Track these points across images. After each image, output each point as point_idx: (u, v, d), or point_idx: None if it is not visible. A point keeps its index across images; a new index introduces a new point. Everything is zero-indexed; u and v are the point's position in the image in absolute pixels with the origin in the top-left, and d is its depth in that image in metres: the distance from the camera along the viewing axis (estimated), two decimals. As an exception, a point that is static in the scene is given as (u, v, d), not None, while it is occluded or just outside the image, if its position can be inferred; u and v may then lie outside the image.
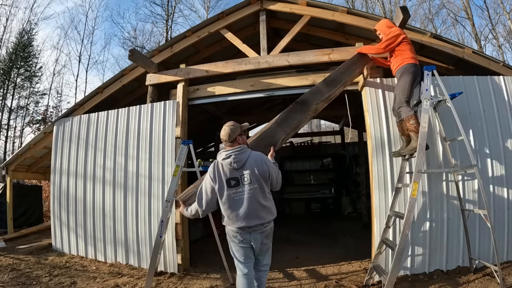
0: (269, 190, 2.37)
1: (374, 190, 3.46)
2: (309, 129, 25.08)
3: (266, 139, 3.08)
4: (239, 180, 2.27)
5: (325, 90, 3.39)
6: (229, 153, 2.30)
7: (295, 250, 4.71)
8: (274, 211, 2.39)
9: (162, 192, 4.01)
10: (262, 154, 2.43)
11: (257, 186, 2.27)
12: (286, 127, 3.16)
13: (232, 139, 2.35)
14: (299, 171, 9.21)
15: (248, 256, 2.36)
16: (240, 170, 2.28)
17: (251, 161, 2.30)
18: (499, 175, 3.34)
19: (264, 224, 2.30)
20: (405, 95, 3.11)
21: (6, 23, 18.24)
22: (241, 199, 2.26)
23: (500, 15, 16.85)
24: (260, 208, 2.28)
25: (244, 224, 2.25)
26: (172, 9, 19.35)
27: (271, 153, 2.73)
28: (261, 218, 2.28)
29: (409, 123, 3.04)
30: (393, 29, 3.31)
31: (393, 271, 2.59)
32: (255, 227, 2.27)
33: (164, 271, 3.88)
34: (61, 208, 4.82)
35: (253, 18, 4.66)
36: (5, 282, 3.57)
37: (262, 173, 2.29)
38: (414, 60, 3.19)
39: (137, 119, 4.39)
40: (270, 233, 2.39)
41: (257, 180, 2.27)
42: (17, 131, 18.32)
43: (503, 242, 3.27)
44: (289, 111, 3.28)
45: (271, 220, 2.36)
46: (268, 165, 2.35)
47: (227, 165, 2.30)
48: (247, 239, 2.30)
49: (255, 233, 2.28)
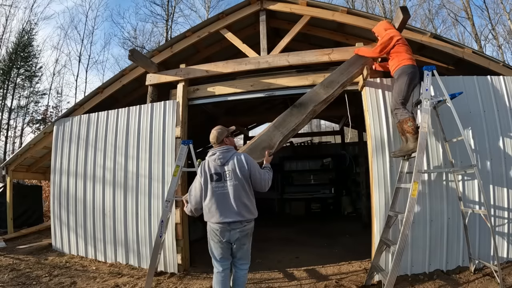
0: (251, 190, 2.50)
1: (374, 190, 3.46)
2: (309, 129, 25.07)
3: (264, 142, 3.19)
4: (221, 175, 2.45)
5: (322, 92, 3.45)
6: (215, 150, 2.54)
7: (295, 250, 4.71)
8: (254, 211, 2.50)
9: (162, 192, 4.01)
10: (247, 155, 2.59)
11: (237, 183, 2.42)
12: (284, 130, 3.25)
13: (220, 141, 2.58)
14: (299, 171, 9.22)
15: (224, 256, 2.48)
16: (223, 167, 2.47)
17: (234, 159, 2.48)
18: (499, 175, 3.35)
19: (243, 222, 2.41)
20: (401, 96, 3.12)
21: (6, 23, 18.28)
22: (222, 194, 2.42)
23: (500, 15, 16.87)
24: (240, 204, 2.40)
25: (222, 219, 2.37)
26: (172, 9, 19.36)
27: (266, 157, 2.90)
28: (240, 215, 2.39)
29: (407, 125, 3.05)
30: (387, 32, 3.33)
31: (393, 271, 2.58)
32: (233, 224, 2.38)
33: (164, 271, 3.88)
34: (61, 208, 4.82)
35: (253, 18, 4.66)
36: (5, 282, 3.57)
37: (242, 171, 2.44)
38: (412, 61, 3.20)
39: (137, 119, 4.40)
40: (249, 233, 2.50)
41: (237, 177, 2.42)
42: (17, 131, 18.34)
43: (503, 242, 3.27)
44: (287, 114, 3.36)
45: (251, 220, 2.48)
46: (249, 164, 2.49)
47: (212, 161, 2.51)
48: (226, 237, 2.40)
49: (234, 231, 2.39)
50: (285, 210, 8.93)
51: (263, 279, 3.58)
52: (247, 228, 2.44)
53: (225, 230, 2.39)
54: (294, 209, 8.70)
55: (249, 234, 2.49)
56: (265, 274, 3.73)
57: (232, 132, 2.73)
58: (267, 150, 3.02)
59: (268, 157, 2.88)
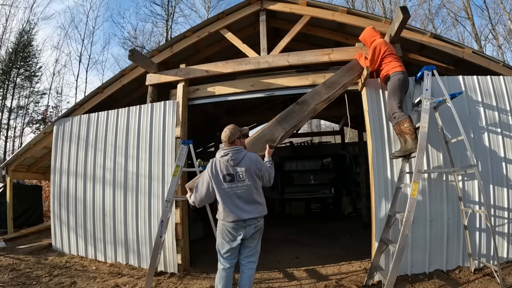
0: (261, 188, 2.57)
1: (374, 190, 3.46)
2: (309, 129, 25.07)
3: (267, 136, 3.38)
4: (234, 176, 2.46)
5: (324, 92, 3.57)
6: (227, 151, 2.51)
7: (295, 250, 4.71)
8: (265, 208, 2.57)
9: (162, 192, 4.01)
10: (257, 156, 2.64)
11: (251, 183, 2.46)
12: (286, 125, 3.40)
13: (231, 141, 2.56)
14: (299, 171, 9.22)
15: (232, 253, 2.51)
16: (236, 168, 2.47)
17: (246, 160, 2.50)
18: (499, 175, 3.35)
19: (258, 218, 2.48)
20: (397, 100, 3.22)
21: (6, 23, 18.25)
22: (235, 194, 2.45)
23: (500, 15, 16.86)
24: (254, 203, 2.48)
25: (238, 217, 2.41)
26: (172, 9, 19.34)
27: (268, 150, 2.92)
28: (255, 212, 2.46)
29: (404, 126, 3.08)
30: (373, 45, 3.44)
31: (393, 271, 2.58)
32: (249, 221, 2.44)
33: (164, 271, 3.88)
34: (61, 208, 4.82)
35: (253, 18, 4.66)
36: (5, 282, 3.57)
37: (256, 172, 2.50)
38: (401, 68, 3.31)
39: (137, 119, 4.39)
40: (261, 228, 2.55)
41: (251, 177, 2.46)
42: (17, 131, 18.32)
43: (503, 242, 3.27)
44: (289, 110, 3.49)
45: (262, 216, 2.55)
46: (261, 165, 2.57)
47: (224, 162, 2.50)
48: (242, 234, 2.44)
49: (249, 227, 2.45)
50: (285, 210, 8.92)
51: (263, 279, 3.58)
52: (260, 223, 2.52)
53: (240, 227, 2.43)
54: (294, 209, 8.69)
55: (261, 229, 2.55)
56: (265, 274, 3.73)
57: (245, 134, 2.77)
58: (269, 143, 3.06)
59: (270, 150, 2.92)
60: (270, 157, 2.84)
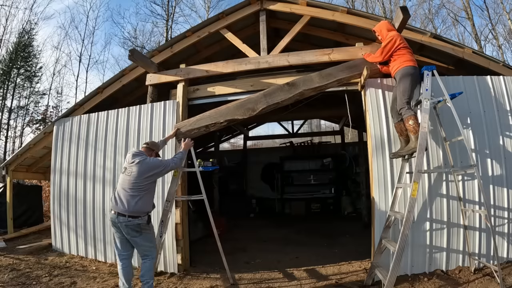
0: (147, 189, 2.88)
1: (374, 190, 3.46)
2: (309, 129, 24.96)
3: (249, 105, 3.70)
4: (127, 170, 2.87)
5: (317, 80, 3.65)
6: (136, 152, 3.02)
7: (295, 250, 4.71)
8: (143, 209, 2.80)
9: (162, 192, 4.01)
10: (154, 159, 3.07)
11: (137, 181, 2.80)
12: (270, 100, 3.66)
13: (149, 149, 3.13)
14: (299, 171, 9.20)
15: (121, 247, 2.85)
16: (132, 164, 2.87)
17: (142, 162, 2.88)
18: (499, 175, 3.34)
19: (127, 217, 2.70)
20: (406, 96, 3.13)
21: (6, 24, 18.23)
22: (122, 183, 2.84)
23: (500, 15, 16.82)
24: (131, 200, 2.74)
25: (112, 207, 2.76)
26: (172, 9, 19.31)
27: (187, 142, 3.51)
28: (126, 210, 2.71)
29: (408, 123, 3.05)
30: (390, 35, 3.34)
31: (393, 271, 2.58)
32: (121, 217, 2.70)
33: (164, 271, 3.88)
34: (61, 208, 4.82)
35: (253, 18, 4.66)
36: (5, 282, 3.57)
37: (145, 171, 2.85)
38: (413, 63, 3.22)
39: (137, 119, 4.39)
40: (136, 229, 2.76)
41: (138, 175, 2.80)
42: (17, 131, 18.29)
43: (503, 242, 3.27)
44: (278, 88, 3.71)
45: (136, 217, 2.74)
46: (151, 166, 2.93)
47: (129, 157, 2.96)
48: (117, 229, 2.75)
49: (121, 224, 2.71)
50: (285, 210, 8.92)
51: (263, 279, 3.58)
52: (131, 224, 2.78)
53: (114, 222, 2.79)
54: (294, 209, 8.70)
55: (136, 229, 2.81)
56: (265, 274, 3.73)
57: (156, 153, 3.29)
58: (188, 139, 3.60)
59: (189, 144, 3.53)
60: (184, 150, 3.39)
